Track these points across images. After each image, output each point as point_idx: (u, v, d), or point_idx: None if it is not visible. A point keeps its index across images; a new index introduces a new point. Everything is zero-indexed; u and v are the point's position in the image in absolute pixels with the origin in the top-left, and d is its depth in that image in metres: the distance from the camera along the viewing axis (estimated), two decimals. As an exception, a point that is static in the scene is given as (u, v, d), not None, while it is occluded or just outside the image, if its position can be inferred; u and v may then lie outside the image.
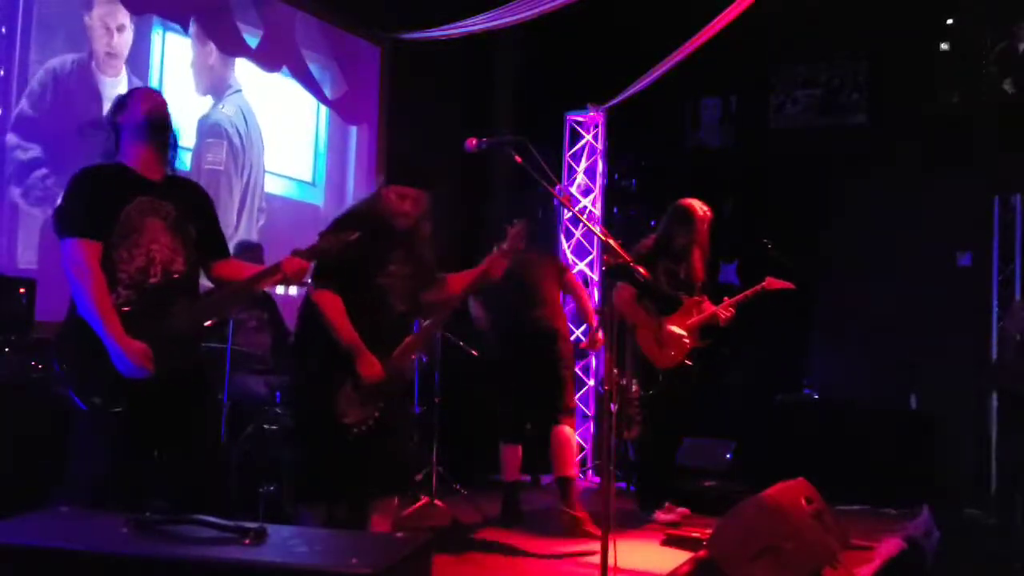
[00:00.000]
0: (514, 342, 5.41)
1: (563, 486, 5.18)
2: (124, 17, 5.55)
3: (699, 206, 5.51)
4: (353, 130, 7.38)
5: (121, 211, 3.16)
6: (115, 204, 3.17)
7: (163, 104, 3.30)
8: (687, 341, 5.49)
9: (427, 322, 3.98)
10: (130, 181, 3.23)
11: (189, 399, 3.29)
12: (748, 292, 5.63)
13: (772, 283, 5.63)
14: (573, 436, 5.32)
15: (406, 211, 3.70)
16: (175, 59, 5.89)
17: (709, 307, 5.60)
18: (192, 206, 3.38)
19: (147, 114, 3.25)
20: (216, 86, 6.22)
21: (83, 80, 5.33)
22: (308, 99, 6.96)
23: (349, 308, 3.58)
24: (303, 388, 3.77)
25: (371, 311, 3.61)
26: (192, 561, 2.05)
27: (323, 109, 7.12)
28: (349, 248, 3.40)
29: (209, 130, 6.14)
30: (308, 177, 7.03)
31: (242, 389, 5.04)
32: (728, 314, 5.56)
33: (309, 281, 3.65)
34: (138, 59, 5.63)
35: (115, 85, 5.43)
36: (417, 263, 3.76)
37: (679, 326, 5.48)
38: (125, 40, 5.56)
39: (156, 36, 5.79)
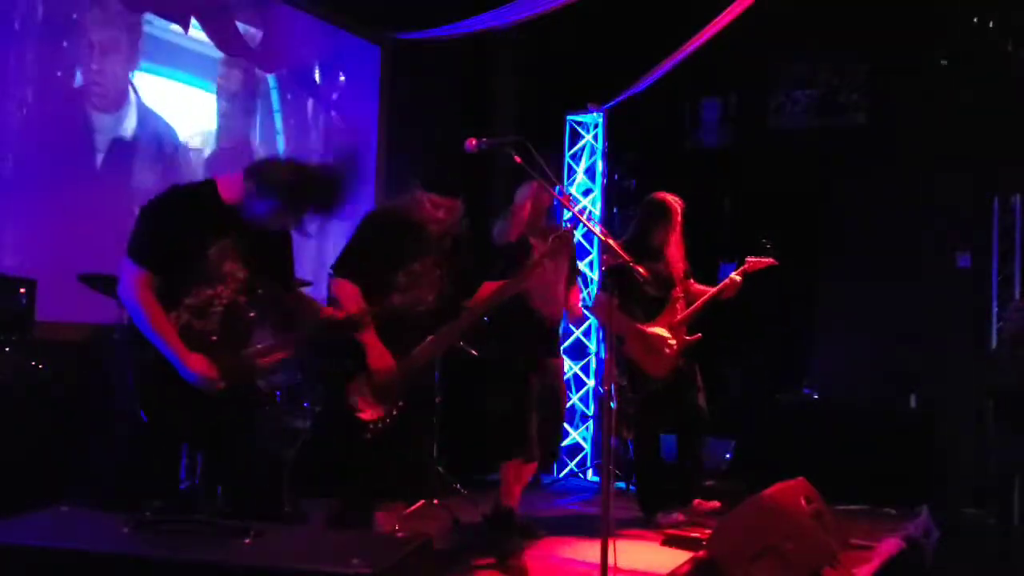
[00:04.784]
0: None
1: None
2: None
3: (672, 198, 5.46)
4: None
5: (205, 255, 3.12)
6: (199, 245, 3.12)
7: None
8: (672, 341, 5.37)
9: (446, 326, 3.90)
10: (217, 214, 3.17)
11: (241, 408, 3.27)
12: (733, 274, 5.47)
13: (753, 263, 5.51)
14: None
15: (440, 218, 3.74)
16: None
17: (699, 290, 5.53)
18: (266, 238, 3.30)
19: None
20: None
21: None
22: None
23: (367, 301, 3.56)
24: (318, 381, 3.76)
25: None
26: (192, 561, 2.06)
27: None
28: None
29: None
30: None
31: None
32: (738, 282, 5.40)
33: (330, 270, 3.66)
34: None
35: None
36: (447, 268, 3.78)
37: (664, 327, 5.38)
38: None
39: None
